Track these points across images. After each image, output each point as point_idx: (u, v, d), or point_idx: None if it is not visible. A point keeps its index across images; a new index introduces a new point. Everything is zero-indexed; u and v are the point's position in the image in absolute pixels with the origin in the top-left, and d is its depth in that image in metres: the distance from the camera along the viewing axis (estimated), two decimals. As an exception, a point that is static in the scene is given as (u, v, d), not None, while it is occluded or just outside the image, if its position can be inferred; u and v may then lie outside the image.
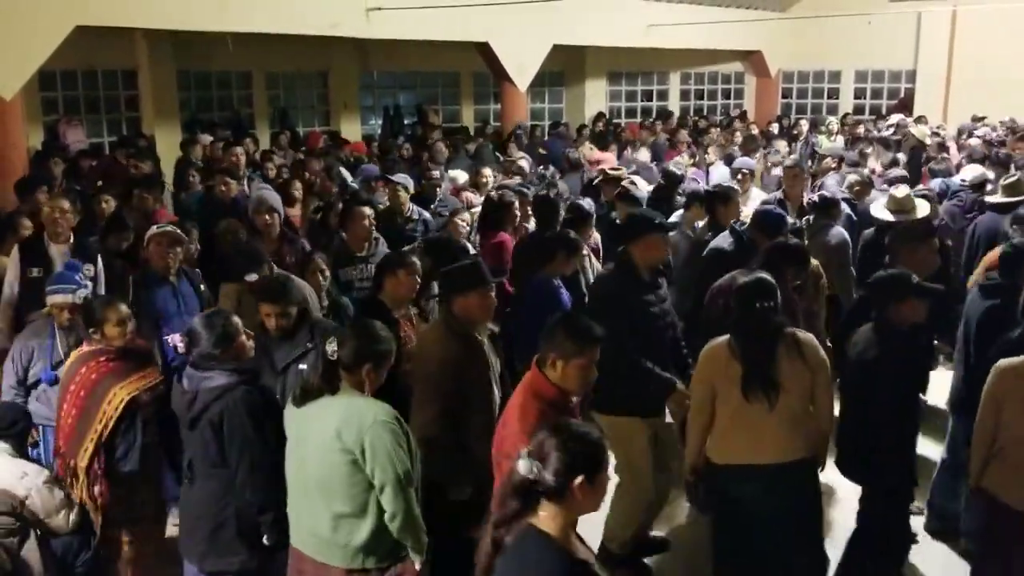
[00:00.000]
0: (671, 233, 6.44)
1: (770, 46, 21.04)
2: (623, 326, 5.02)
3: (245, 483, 4.04)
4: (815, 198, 7.63)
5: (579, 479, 2.67)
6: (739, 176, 9.32)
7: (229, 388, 4.05)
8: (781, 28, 20.45)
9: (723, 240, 6.54)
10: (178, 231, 6.09)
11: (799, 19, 19.88)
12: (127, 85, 15.06)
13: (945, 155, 11.80)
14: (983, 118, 15.74)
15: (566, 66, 20.22)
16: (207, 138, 12.55)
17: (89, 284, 5.40)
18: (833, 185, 9.78)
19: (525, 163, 11.00)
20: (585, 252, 6.90)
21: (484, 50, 15.21)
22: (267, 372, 4.75)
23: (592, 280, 6.45)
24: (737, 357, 4.42)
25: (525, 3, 13.92)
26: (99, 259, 6.57)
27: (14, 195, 8.43)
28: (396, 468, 3.59)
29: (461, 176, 9.95)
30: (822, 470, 4.66)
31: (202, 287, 6.20)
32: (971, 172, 9.18)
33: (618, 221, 7.80)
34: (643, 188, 9.23)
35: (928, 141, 13.36)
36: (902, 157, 11.88)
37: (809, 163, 12.45)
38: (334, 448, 3.61)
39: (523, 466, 2.69)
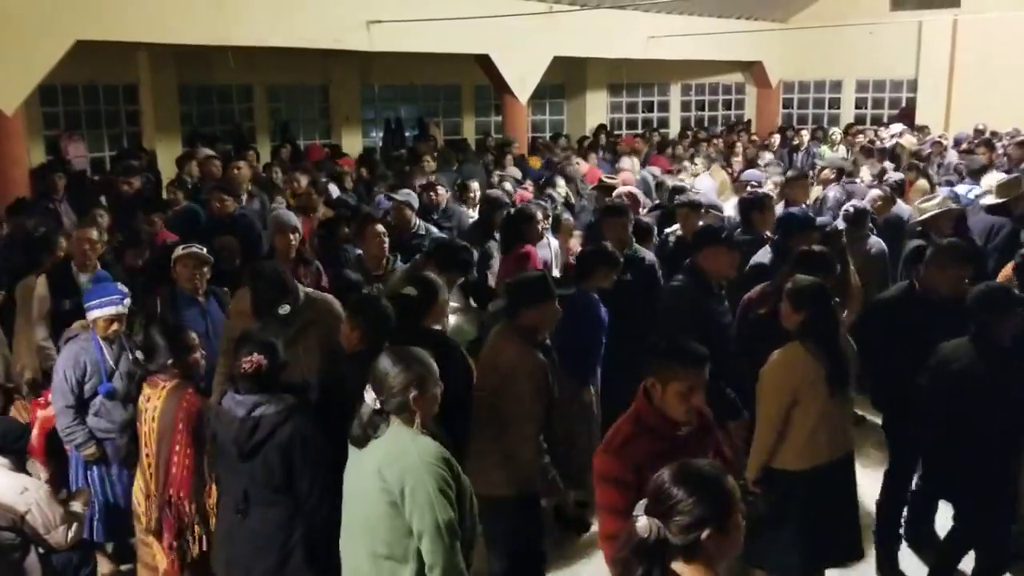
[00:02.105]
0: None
1: (771, 57, 21.08)
2: (688, 332, 5.19)
3: (320, 505, 3.90)
4: (849, 208, 7.63)
5: (707, 531, 2.39)
6: (747, 189, 9.33)
7: (293, 410, 3.93)
8: (782, 39, 20.48)
9: (763, 255, 6.56)
10: (204, 252, 6.06)
11: (800, 29, 19.89)
12: (128, 99, 15.06)
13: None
14: (983, 131, 15.73)
15: (567, 78, 20.25)
16: (204, 152, 12.51)
17: (127, 292, 5.35)
18: (832, 199, 9.80)
19: (508, 184, 10.90)
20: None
21: (485, 63, 15.22)
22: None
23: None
24: (818, 357, 4.43)
25: (526, 15, 13.94)
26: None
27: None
28: (437, 515, 3.32)
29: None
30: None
31: (228, 307, 6.12)
32: (988, 180, 9.21)
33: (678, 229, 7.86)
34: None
35: (914, 150, 13.69)
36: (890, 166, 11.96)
37: (810, 173, 12.43)
38: (375, 487, 3.41)
39: (641, 526, 2.37)
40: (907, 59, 20.57)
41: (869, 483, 5.67)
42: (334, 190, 10.50)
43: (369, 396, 3.48)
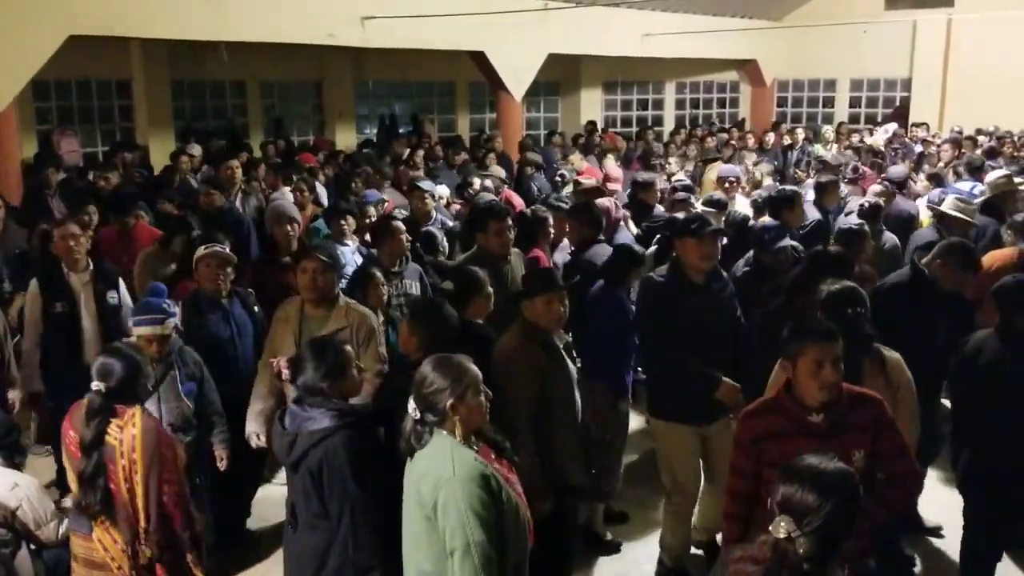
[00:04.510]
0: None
1: (765, 55, 21.09)
2: (667, 328, 5.11)
3: (347, 539, 3.63)
4: (865, 203, 7.67)
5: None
6: (726, 184, 9.33)
7: (330, 433, 3.61)
8: (776, 37, 20.50)
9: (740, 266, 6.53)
10: (227, 251, 5.73)
11: (794, 28, 19.91)
12: (121, 95, 15.03)
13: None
14: (960, 131, 15.81)
15: (562, 75, 20.25)
16: (196, 148, 12.45)
17: (177, 311, 5.02)
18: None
19: (490, 182, 10.86)
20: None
21: (480, 59, 15.20)
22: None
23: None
24: None
25: (520, 12, 13.92)
26: (120, 282, 6.40)
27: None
28: (467, 533, 3.16)
29: (445, 191, 9.93)
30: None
31: (256, 308, 5.88)
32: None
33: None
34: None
35: (884, 150, 14.03)
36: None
37: (805, 171, 12.50)
38: (413, 500, 3.35)
39: (805, 549, 2.41)
40: (901, 58, 20.60)
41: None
42: (320, 189, 10.42)
43: (411, 405, 3.39)
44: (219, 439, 5.20)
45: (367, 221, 7.98)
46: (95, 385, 4.01)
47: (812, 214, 8.25)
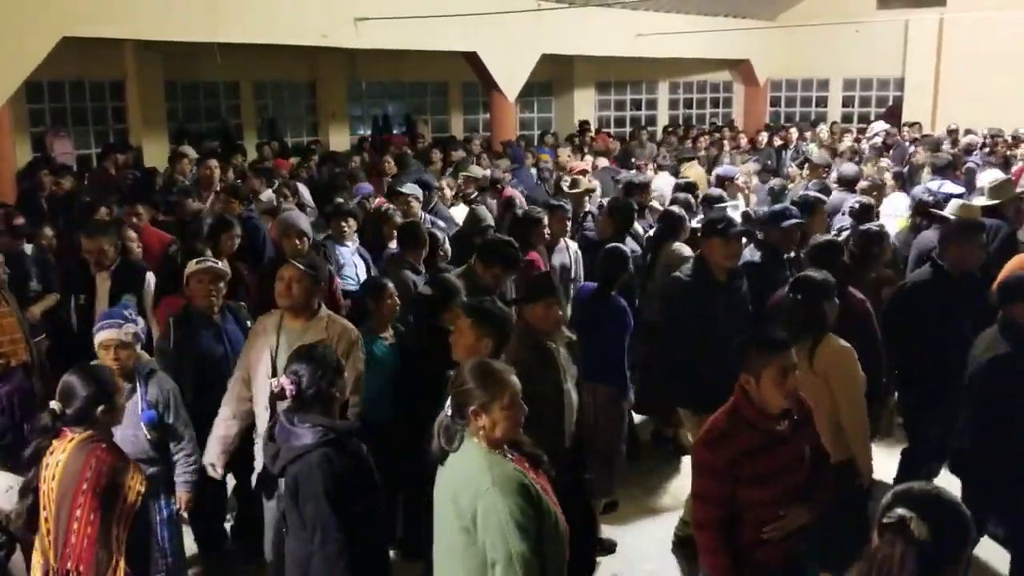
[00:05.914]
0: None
1: (758, 55, 21.13)
2: (689, 326, 5.38)
3: (316, 559, 3.61)
4: (855, 204, 7.71)
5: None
6: (725, 184, 9.36)
7: (309, 450, 3.56)
8: (769, 37, 20.53)
9: (751, 253, 6.61)
10: (219, 266, 5.52)
11: (787, 28, 19.96)
12: (115, 96, 15.00)
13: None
14: (956, 130, 15.88)
15: (555, 76, 20.26)
16: (191, 151, 12.41)
17: (140, 321, 4.67)
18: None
19: (488, 171, 10.83)
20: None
21: (473, 60, 15.22)
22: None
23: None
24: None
25: (514, 13, 13.94)
26: (146, 279, 6.46)
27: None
28: (508, 545, 3.07)
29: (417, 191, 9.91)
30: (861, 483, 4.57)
31: (248, 323, 5.52)
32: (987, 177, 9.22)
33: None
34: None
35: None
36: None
37: (797, 169, 12.53)
38: (450, 512, 3.23)
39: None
40: (894, 58, 20.67)
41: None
42: (304, 192, 10.24)
43: (447, 403, 3.33)
44: (182, 478, 4.67)
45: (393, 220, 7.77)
46: (53, 404, 3.77)
47: None
